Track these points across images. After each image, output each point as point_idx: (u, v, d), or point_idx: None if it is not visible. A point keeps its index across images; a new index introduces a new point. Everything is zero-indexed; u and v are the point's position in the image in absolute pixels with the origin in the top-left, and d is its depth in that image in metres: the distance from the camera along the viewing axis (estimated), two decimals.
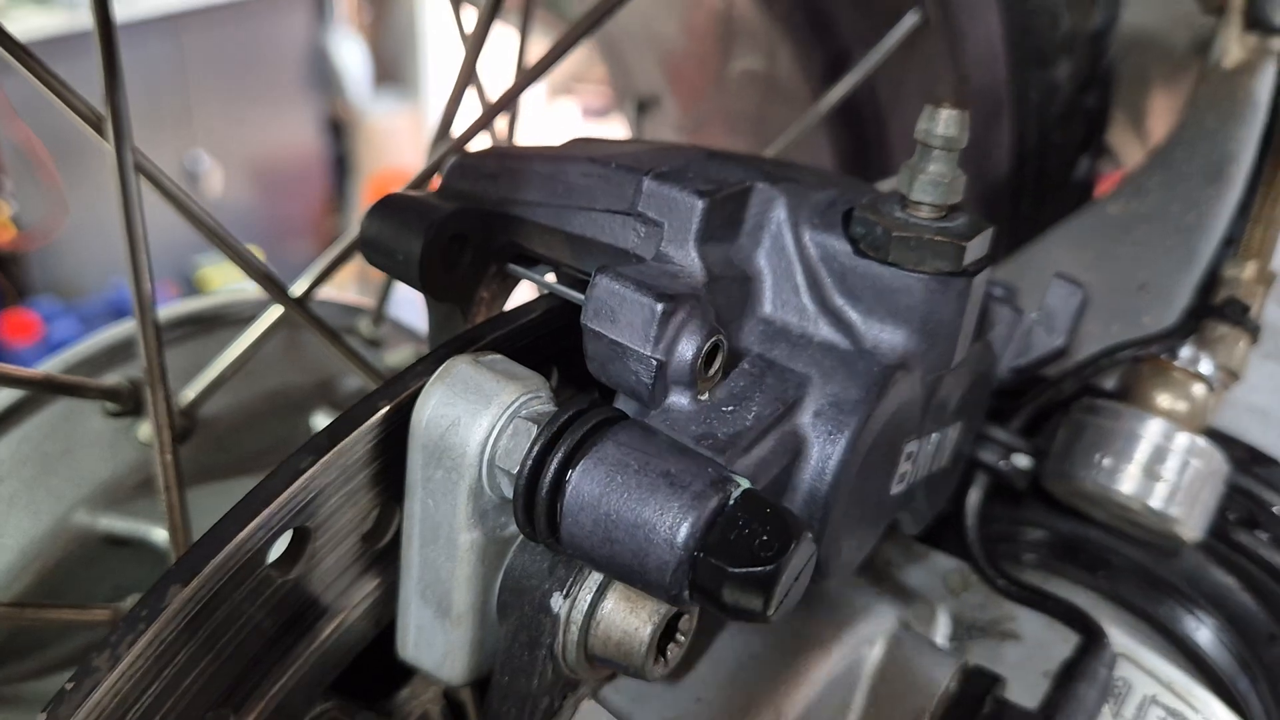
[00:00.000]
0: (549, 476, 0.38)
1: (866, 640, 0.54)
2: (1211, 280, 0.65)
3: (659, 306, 0.39)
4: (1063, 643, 0.57)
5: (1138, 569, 0.65)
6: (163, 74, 3.87)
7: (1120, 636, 0.59)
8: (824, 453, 0.43)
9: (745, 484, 0.37)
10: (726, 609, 0.36)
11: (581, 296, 0.44)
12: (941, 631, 0.60)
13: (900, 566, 0.62)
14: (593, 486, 0.37)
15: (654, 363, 0.40)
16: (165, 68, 3.86)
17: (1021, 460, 0.59)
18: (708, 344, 0.41)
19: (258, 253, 0.58)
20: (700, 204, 0.43)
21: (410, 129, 4.76)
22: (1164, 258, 0.76)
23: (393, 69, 4.82)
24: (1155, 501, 0.55)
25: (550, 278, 0.50)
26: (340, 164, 4.76)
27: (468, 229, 0.48)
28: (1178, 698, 0.58)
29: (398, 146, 4.72)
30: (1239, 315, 0.60)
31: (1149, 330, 0.67)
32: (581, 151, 0.49)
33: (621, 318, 0.40)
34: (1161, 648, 0.63)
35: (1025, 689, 0.54)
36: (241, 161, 4.29)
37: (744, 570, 0.35)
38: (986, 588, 0.60)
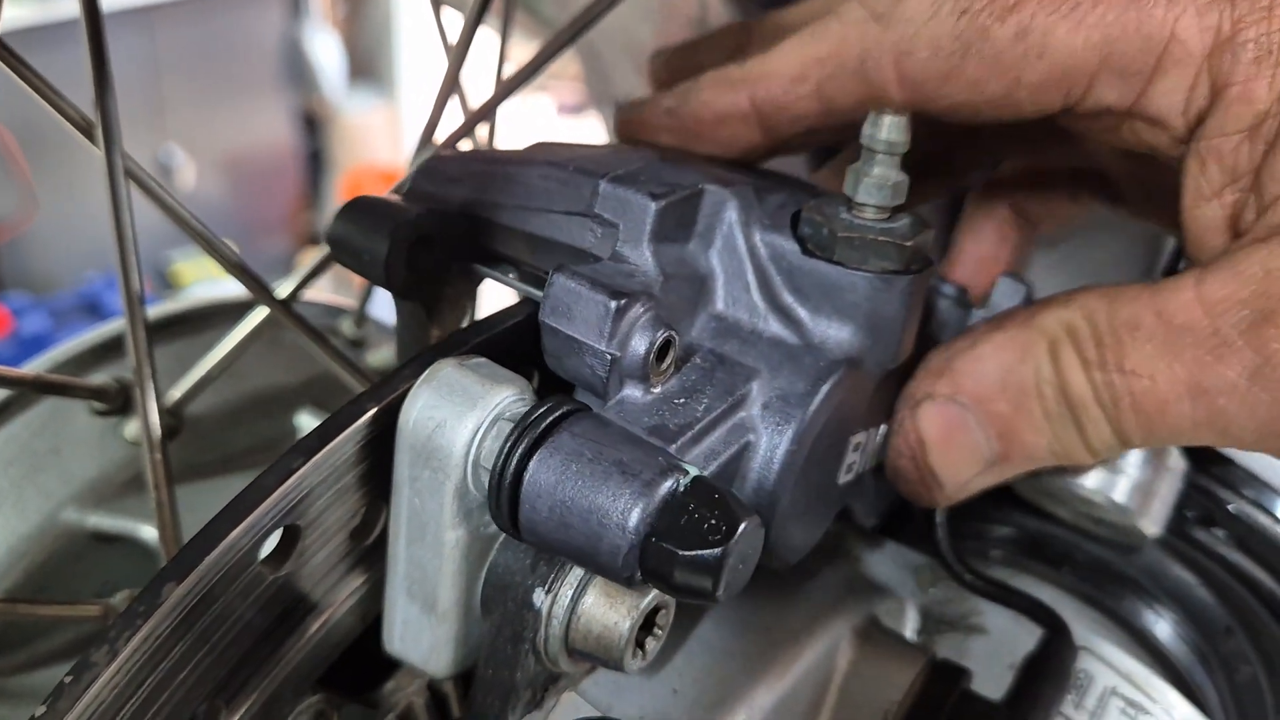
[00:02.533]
0: (511, 466, 0.40)
1: (837, 634, 0.55)
2: None
3: (612, 304, 0.41)
4: (1027, 636, 0.58)
5: (1100, 565, 0.67)
6: (136, 67, 3.84)
7: (1083, 630, 0.60)
8: (771, 443, 0.45)
9: (695, 472, 0.39)
10: (678, 589, 0.38)
11: (538, 293, 0.46)
12: (910, 626, 0.62)
13: (870, 563, 0.64)
14: (549, 475, 0.39)
15: (608, 357, 0.42)
16: (138, 61, 3.84)
17: None
18: (660, 339, 0.43)
19: (231, 247, 0.59)
20: (653, 206, 0.45)
21: (385, 125, 4.74)
22: (1127, 260, 0.78)
23: (368, 65, 4.81)
24: (1118, 495, 0.57)
25: (512, 277, 0.52)
26: (315, 160, 4.74)
27: (432, 230, 0.50)
28: (1137, 689, 0.60)
29: (372, 142, 4.70)
30: None
31: None
32: (542, 155, 0.51)
33: (577, 314, 0.42)
34: (1122, 641, 0.65)
35: (991, 681, 0.56)
36: (215, 156, 4.26)
37: (693, 553, 0.37)
38: (954, 583, 0.61)
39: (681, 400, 0.44)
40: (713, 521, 0.37)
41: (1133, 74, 0.45)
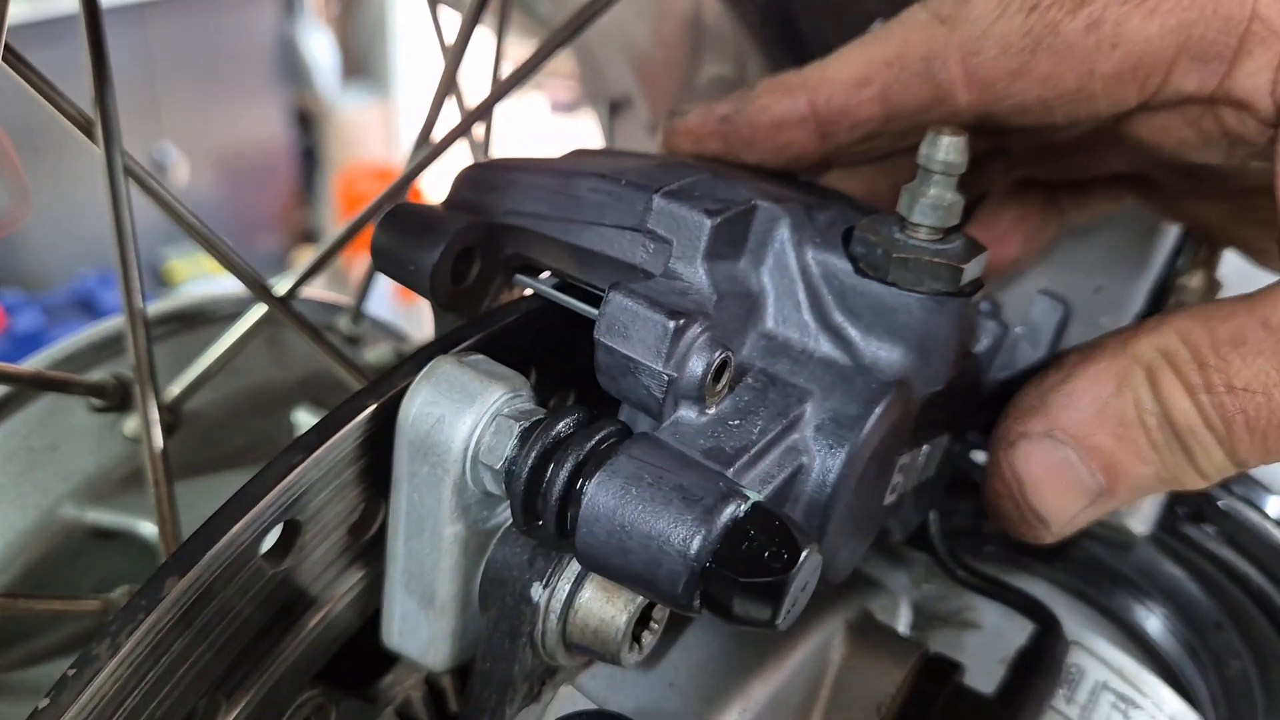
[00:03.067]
0: (559, 485, 0.39)
1: (832, 629, 0.56)
2: (1164, 286, 0.68)
3: (671, 324, 0.41)
4: (1020, 631, 0.59)
5: (1092, 561, 0.68)
6: (130, 65, 3.83)
7: (1074, 625, 0.61)
8: (824, 466, 0.44)
9: (755, 497, 0.38)
10: (736, 618, 0.37)
11: (587, 308, 0.46)
12: (904, 621, 0.63)
13: (865, 559, 0.64)
14: (609, 498, 0.38)
15: (665, 378, 0.41)
16: (132, 58, 3.83)
17: (982, 456, 0.61)
18: (717, 360, 0.42)
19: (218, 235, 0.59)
20: (709, 223, 0.44)
21: (379, 122, 4.73)
22: (1120, 263, 0.78)
23: (362, 62, 4.80)
24: None
25: (556, 289, 0.51)
26: (308, 157, 4.73)
27: (476, 242, 0.49)
28: (1128, 683, 0.60)
29: (366, 140, 4.69)
30: None
31: (1106, 331, 0.69)
32: (588, 165, 0.50)
33: (634, 334, 0.42)
34: (1113, 636, 0.66)
35: (983, 675, 0.56)
36: (208, 154, 4.25)
37: (753, 581, 0.36)
38: (948, 579, 0.62)
39: (736, 422, 0.43)
40: (774, 549, 0.37)
41: (1213, 58, 0.44)
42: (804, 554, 0.37)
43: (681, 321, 0.41)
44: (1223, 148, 0.49)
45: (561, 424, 0.41)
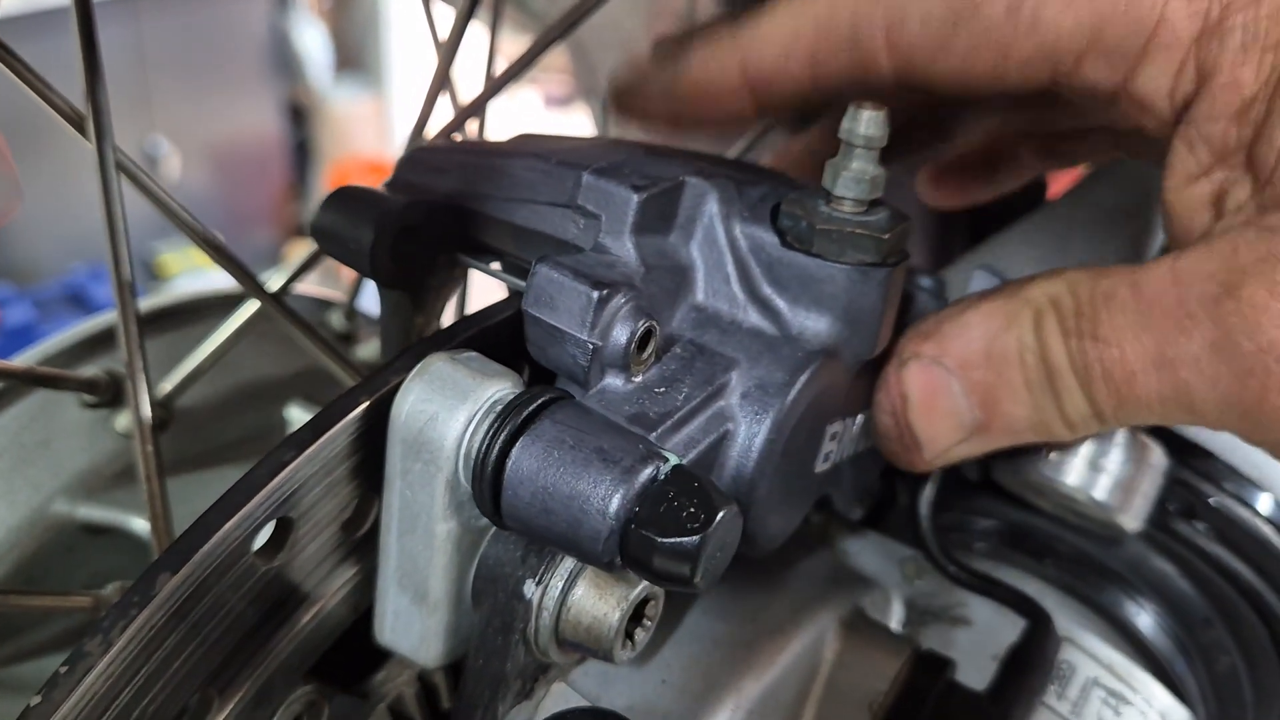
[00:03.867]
0: (494, 453, 0.40)
1: (824, 626, 0.56)
2: None
3: (594, 294, 0.42)
4: (1011, 628, 0.59)
5: (1083, 557, 0.68)
6: (121, 57, 3.82)
7: (1065, 622, 0.61)
8: (750, 432, 0.46)
9: (674, 460, 0.40)
10: (658, 576, 0.38)
11: (522, 283, 0.46)
12: (896, 617, 0.63)
13: (856, 555, 0.64)
14: (530, 461, 0.40)
15: (590, 346, 0.42)
16: (124, 51, 3.82)
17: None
18: (640, 329, 0.43)
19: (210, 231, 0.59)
20: (635, 198, 0.46)
21: (372, 116, 4.73)
22: (1111, 258, 0.79)
23: (354, 55, 4.79)
24: (1099, 493, 0.57)
25: (496, 266, 0.52)
26: (301, 151, 4.72)
27: (418, 220, 0.50)
28: (1119, 679, 0.60)
29: (359, 133, 4.69)
30: None
31: None
32: (527, 146, 0.52)
33: (560, 304, 0.43)
34: (1104, 632, 0.66)
35: (975, 671, 0.56)
36: (200, 147, 4.25)
37: (672, 540, 0.38)
38: (939, 575, 0.62)
39: (661, 389, 0.44)
40: (691, 509, 0.38)
41: (1120, 56, 0.46)
42: (720, 514, 0.38)
43: (605, 292, 0.42)
44: (1134, 135, 0.52)
45: (515, 401, 0.41)
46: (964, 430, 0.51)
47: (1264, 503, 0.65)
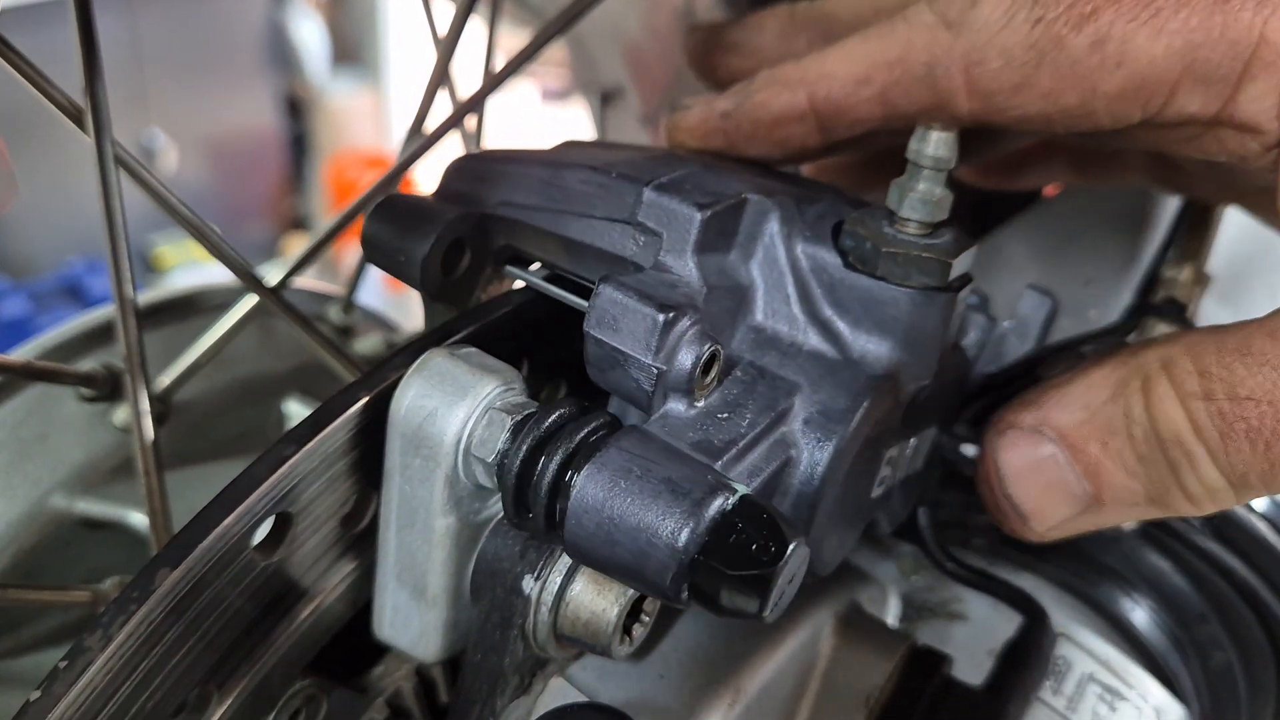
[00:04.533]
0: (549, 477, 0.39)
1: (821, 621, 0.56)
2: (1152, 280, 0.68)
3: (661, 317, 0.41)
4: (1007, 623, 0.59)
5: (1078, 553, 0.68)
6: (118, 50, 3.81)
7: (1061, 617, 0.61)
8: (813, 459, 0.44)
9: (743, 490, 0.38)
10: (723, 610, 0.38)
11: (577, 300, 0.46)
12: (893, 613, 0.63)
13: (854, 551, 0.65)
14: (597, 491, 0.39)
15: (655, 370, 0.41)
16: (121, 44, 3.81)
17: (970, 449, 0.61)
18: (706, 353, 0.42)
19: (209, 226, 0.59)
20: (699, 216, 0.44)
21: (369, 110, 4.72)
22: (1109, 255, 0.79)
23: (352, 48, 4.78)
24: None
25: (545, 280, 0.51)
26: (298, 144, 4.71)
27: (467, 233, 0.49)
28: (1114, 675, 0.61)
29: (356, 127, 4.68)
30: (1176, 313, 0.63)
31: (1095, 324, 0.70)
32: (579, 157, 0.50)
33: (624, 326, 0.42)
34: (1100, 628, 0.66)
35: (971, 667, 0.57)
36: (197, 140, 4.23)
37: (741, 574, 0.37)
38: (936, 571, 0.62)
39: (725, 415, 0.43)
40: (761, 542, 0.37)
41: (1218, 80, 0.44)
42: (791, 546, 0.37)
43: (671, 315, 0.41)
44: (1224, 164, 0.48)
45: (553, 417, 0.41)
46: (1076, 504, 0.48)
47: (1259, 500, 0.65)
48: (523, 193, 0.50)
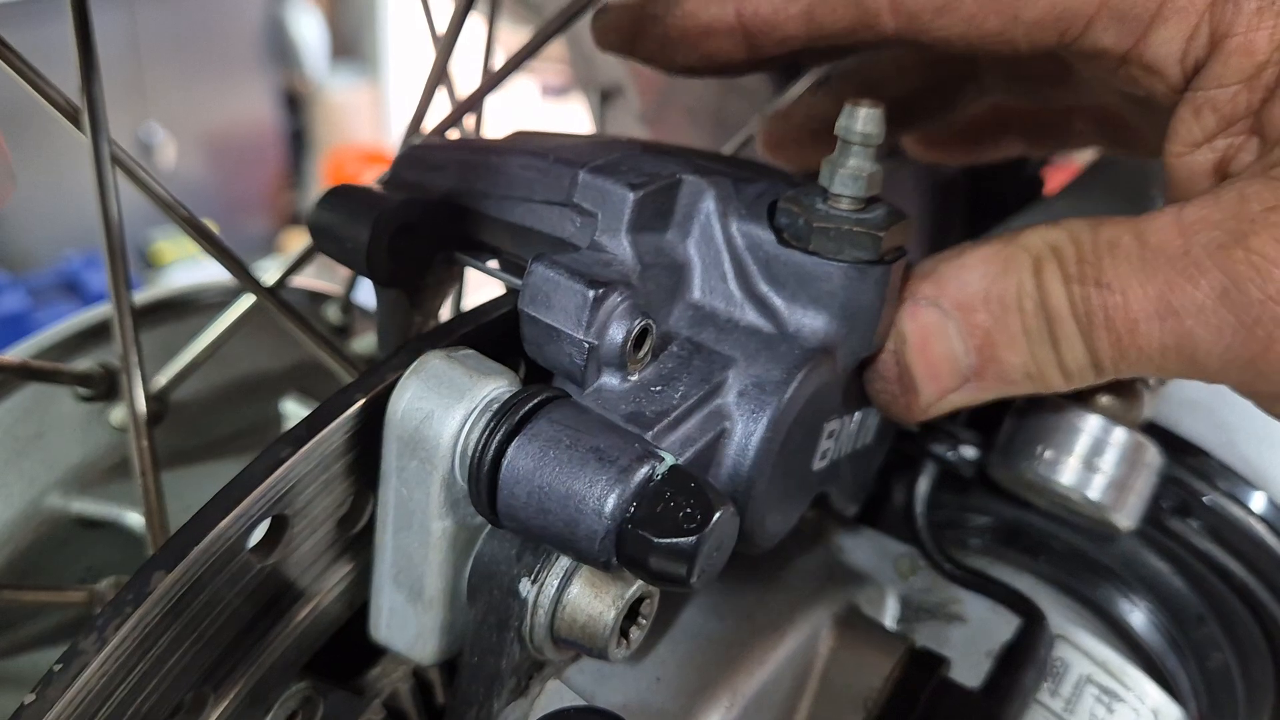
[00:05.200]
0: (490, 453, 0.40)
1: (818, 622, 0.56)
2: None
3: (590, 293, 0.42)
4: (1005, 625, 0.59)
5: (1076, 554, 0.68)
6: (116, 44, 3.80)
7: (1059, 619, 0.61)
8: (746, 430, 0.46)
9: (671, 459, 0.40)
10: (654, 576, 0.39)
11: (519, 282, 0.46)
12: (890, 614, 0.63)
13: (851, 551, 0.65)
14: (527, 461, 0.40)
15: (586, 345, 0.42)
16: (118, 37, 3.80)
17: (968, 451, 0.61)
18: (636, 328, 0.43)
19: (212, 227, 0.59)
20: (631, 196, 0.46)
21: (368, 104, 4.72)
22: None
23: (351, 43, 4.78)
24: (1093, 493, 0.57)
25: (493, 264, 0.52)
26: (296, 139, 4.71)
27: (415, 218, 0.50)
28: (1111, 676, 0.61)
29: (355, 122, 4.68)
30: None
31: None
32: (524, 144, 0.52)
33: (556, 303, 0.43)
34: (1098, 629, 0.66)
35: (969, 669, 0.57)
36: (196, 134, 4.23)
37: (668, 540, 0.38)
38: (934, 572, 0.62)
39: (658, 388, 0.44)
40: (688, 509, 0.38)
41: (1132, 19, 0.46)
42: (718, 514, 0.38)
43: (601, 290, 0.42)
44: (1138, 103, 0.51)
45: (505, 398, 0.41)
46: (959, 376, 0.50)
47: (1257, 501, 0.65)
48: (469, 180, 0.51)
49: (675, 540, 0.38)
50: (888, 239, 0.47)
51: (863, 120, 0.46)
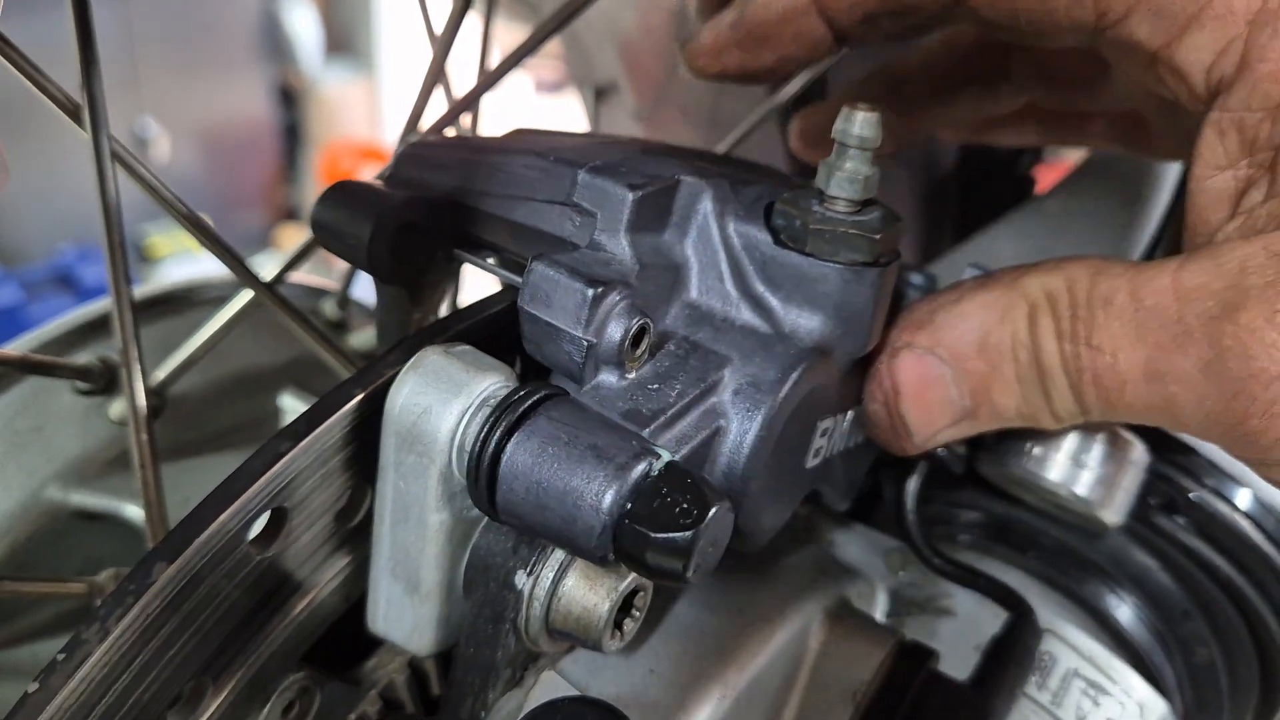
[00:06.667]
0: (490, 449, 0.41)
1: (809, 616, 0.57)
2: None
3: (589, 291, 0.43)
4: (993, 619, 0.60)
5: (1064, 550, 0.69)
6: (110, 39, 3.79)
7: (1047, 613, 0.62)
8: (741, 428, 0.46)
9: (667, 456, 0.40)
10: (650, 571, 0.39)
11: (519, 280, 0.47)
12: (880, 608, 0.64)
13: (842, 546, 0.65)
14: (525, 457, 0.40)
15: (584, 343, 0.43)
16: (113, 32, 3.79)
17: (958, 448, 0.62)
18: (634, 326, 0.44)
19: (206, 222, 0.59)
20: (631, 196, 0.46)
21: (362, 100, 4.71)
22: (1099, 254, 0.79)
23: (345, 38, 4.77)
24: (1080, 489, 0.58)
25: (492, 262, 0.53)
26: (291, 134, 4.70)
27: (416, 216, 0.51)
28: (1098, 670, 0.61)
29: (350, 117, 4.67)
30: None
31: None
32: (525, 144, 0.52)
33: (555, 301, 0.43)
34: (1085, 624, 0.67)
35: (957, 662, 0.57)
36: (190, 129, 4.22)
37: (665, 535, 0.38)
38: (923, 567, 0.63)
39: (655, 386, 0.45)
40: (684, 505, 0.39)
41: (1169, 16, 0.46)
42: (713, 510, 0.39)
43: (600, 289, 0.43)
44: (1163, 106, 0.51)
45: (503, 395, 0.42)
46: (952, 418, 0.51)
47: (1243, 498, 0.66)
48: (471, 178, 0.52)
49: (671, 535, 0.38)
50: (883, 241, 0.47)
51: (860, 124, 0.46)
